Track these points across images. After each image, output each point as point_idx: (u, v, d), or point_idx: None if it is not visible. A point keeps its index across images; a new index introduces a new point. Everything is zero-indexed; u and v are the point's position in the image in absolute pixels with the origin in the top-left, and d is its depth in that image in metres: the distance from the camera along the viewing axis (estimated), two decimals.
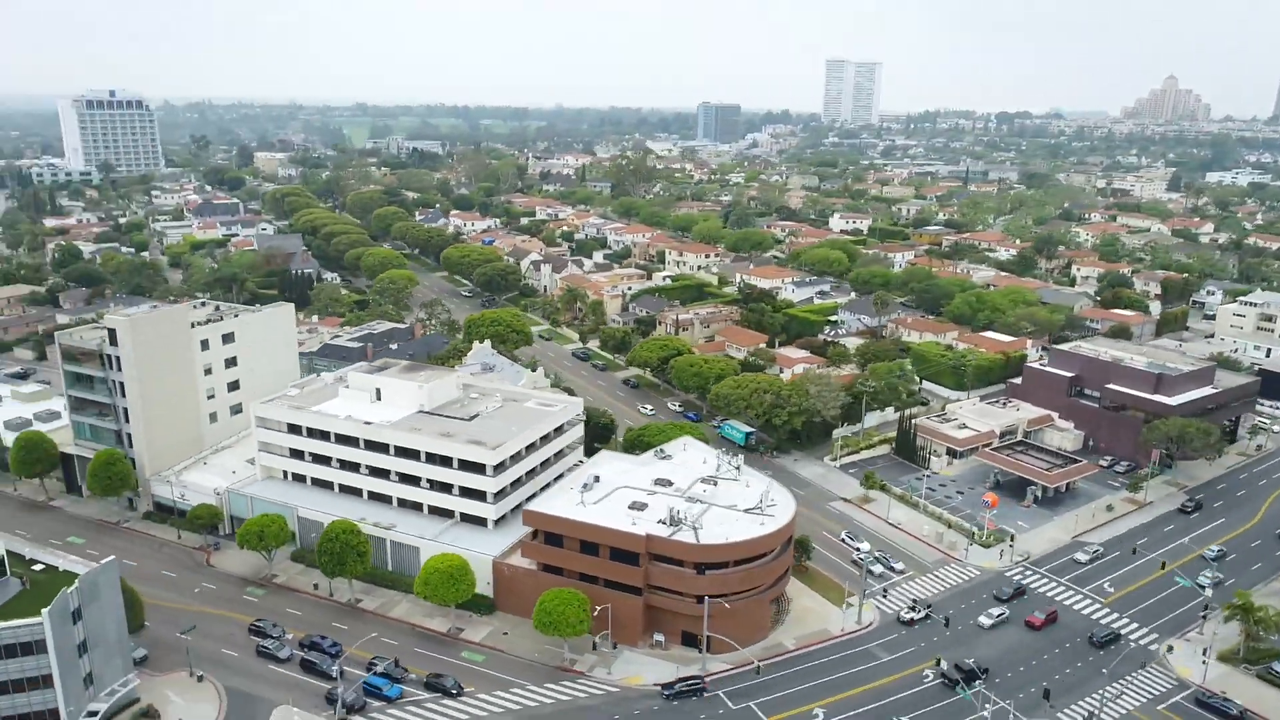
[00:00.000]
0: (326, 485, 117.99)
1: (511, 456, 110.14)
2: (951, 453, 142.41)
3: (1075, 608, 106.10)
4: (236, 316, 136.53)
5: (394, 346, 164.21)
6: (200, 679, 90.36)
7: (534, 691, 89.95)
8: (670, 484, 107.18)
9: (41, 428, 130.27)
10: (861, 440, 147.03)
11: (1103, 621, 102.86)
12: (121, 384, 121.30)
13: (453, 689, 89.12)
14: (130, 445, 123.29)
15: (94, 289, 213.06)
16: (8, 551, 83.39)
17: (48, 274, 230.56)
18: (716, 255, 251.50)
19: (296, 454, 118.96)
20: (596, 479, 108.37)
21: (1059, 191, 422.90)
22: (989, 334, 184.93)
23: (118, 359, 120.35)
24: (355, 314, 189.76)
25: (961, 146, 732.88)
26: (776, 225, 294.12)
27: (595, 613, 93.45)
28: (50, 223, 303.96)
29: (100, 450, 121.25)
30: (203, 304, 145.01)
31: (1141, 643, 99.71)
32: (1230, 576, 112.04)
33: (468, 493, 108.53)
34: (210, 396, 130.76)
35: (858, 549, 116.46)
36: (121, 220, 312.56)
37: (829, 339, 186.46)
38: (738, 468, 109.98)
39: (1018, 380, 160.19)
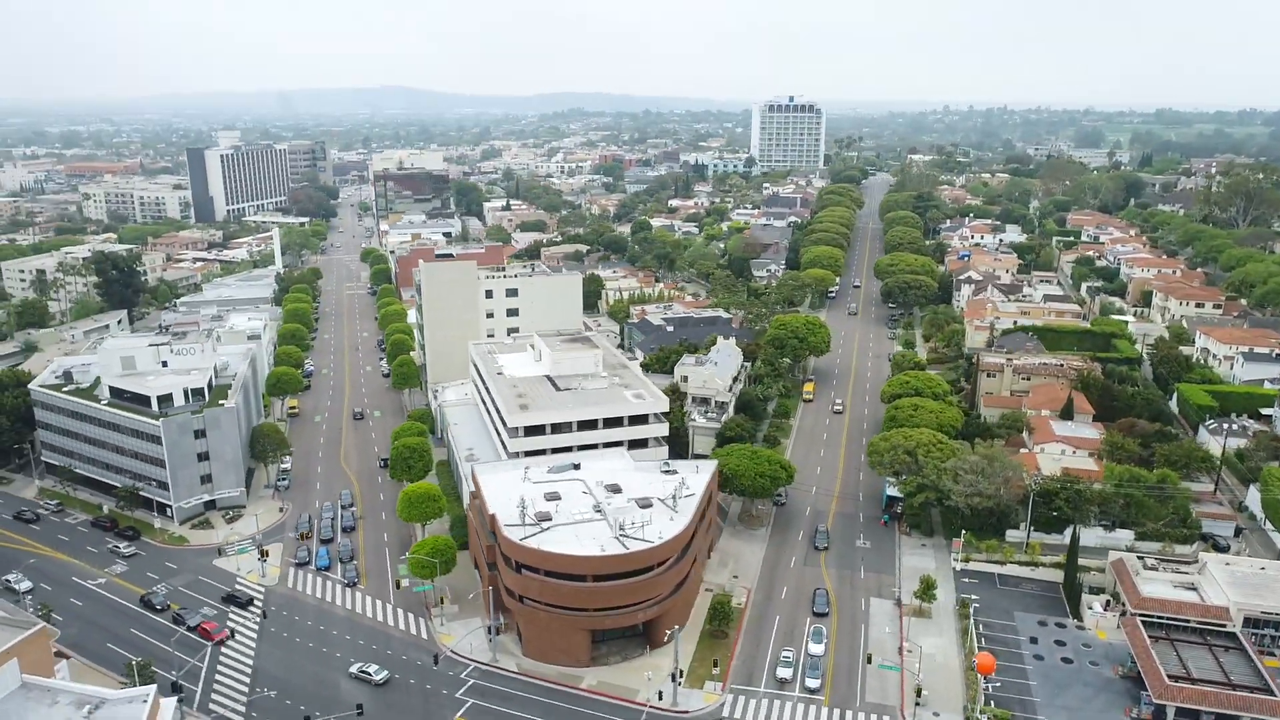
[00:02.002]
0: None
1: (552, 426, 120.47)
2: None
3: None
4: (530, 277, 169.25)
5: (670, 329, 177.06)
6: (281, 509, 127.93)
7: (385, 609, 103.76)
8: (619, 492, 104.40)
9: None
10: (1019, 553, 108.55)
11: None
12: (422, 310, 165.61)
13: (351, 580, 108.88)
14: (424, 355, 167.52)
15: (603, 253, 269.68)
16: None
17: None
18: (1216, 305, 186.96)
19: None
20: (575, 466, 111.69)
21: None
22: None
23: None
24: (722, 298, 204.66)
25: None
26: None
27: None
28: (674, 203, 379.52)
29: (401, 356, 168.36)
30: (524, 265, 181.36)
31: None
32: None
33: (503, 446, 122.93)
34: (490, 335, 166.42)
35: (801, 650, 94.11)
36: (719, 204, 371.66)
37: (1212, 427, 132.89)
38: (675, 496, 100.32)
39: None
